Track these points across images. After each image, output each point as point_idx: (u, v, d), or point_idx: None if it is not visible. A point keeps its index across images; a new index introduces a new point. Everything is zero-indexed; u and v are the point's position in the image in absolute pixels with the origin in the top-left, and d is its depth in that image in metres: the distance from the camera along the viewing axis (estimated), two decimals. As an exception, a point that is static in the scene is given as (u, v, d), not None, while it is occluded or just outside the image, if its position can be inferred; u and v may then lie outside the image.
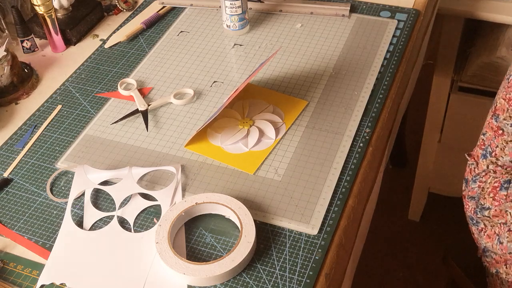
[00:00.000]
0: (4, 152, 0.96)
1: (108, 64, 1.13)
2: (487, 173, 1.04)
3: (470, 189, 1.07)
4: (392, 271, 1.82)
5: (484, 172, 1.04)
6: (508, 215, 0.98)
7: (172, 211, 0.81)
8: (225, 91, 1.05)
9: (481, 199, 1.03)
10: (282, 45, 1.14)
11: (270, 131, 0.95)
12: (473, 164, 1.08)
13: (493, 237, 1.01)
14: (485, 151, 1.04)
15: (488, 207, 1.01)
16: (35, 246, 0.82)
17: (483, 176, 1.04)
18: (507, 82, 1.00)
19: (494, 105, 1.03)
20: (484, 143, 1.05)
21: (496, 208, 1.00)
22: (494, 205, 1.00)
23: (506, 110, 0.99)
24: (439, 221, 1.94)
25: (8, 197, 0.89)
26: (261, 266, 0.77)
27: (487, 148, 1.04)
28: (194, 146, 0.94)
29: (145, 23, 1.21)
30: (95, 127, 0.99)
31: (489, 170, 1.03)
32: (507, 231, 0.98)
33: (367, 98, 1.01)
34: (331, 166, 0.90)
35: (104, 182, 0.89)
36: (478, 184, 1.05)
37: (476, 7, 1.41)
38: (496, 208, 1.00)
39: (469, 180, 1.08)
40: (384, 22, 1.18)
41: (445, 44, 1.52)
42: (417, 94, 1.59)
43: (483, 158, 1.04)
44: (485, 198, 1.02)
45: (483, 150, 1.05)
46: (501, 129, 1.00)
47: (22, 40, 1.15)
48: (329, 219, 0.82)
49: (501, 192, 0.99)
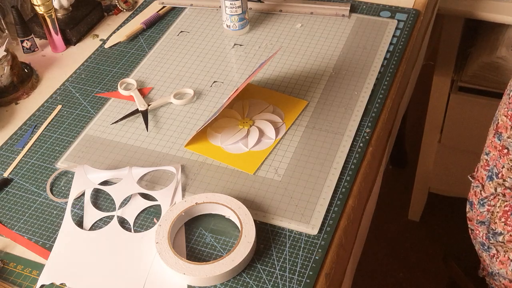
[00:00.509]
0: (4, 152, 0.96)
1: (108, 64, 1.13)
2: (495, 196, 0.99)
3: (478, 213, 1.03)
4: (392, 271, 1.82)
5: (492, 195, 1.00)
6: None
7: (172, 211, 0.81)
8: (225, 91, 1.05)
9: (491, 224, 1.00)
10: (282, 45, 1.14)
11: (270, 131, 0.95)
12: (479, 187, 1.03)
13: (507, 263, 0.99)
14: (491, 172, 0.99)
15: (501, 232, 0.98)
16: (35, 246, 0.82)
17: (492, 200, 1.00)
18: (507, 98, 0.95)
19: (496, 123, 0.98)
20: (489, 164, 1.00)
21: (510, 234, 0.97)
22: (506, 230, 0.97)
23: (510, 128, 0.94)
24: (439, 221, 1.94)
25: (8, 197, 0.89)
26: (261, 266, 0.77)
27: (493, 169, 0.99)
28: (194, 146, 0.94)
29: (145, 23, 1.21)
30: (95, 127, 0.99)
31: (497, 193, 0.99)
32: None
33: (367, 98, 1.01)
34: (331, 166, 0.90)
35: (104, 182, 0.89)
36: (487, 208, 1.01)
37: (476, 7, 1.41)
38: (511, 233, 0.97)
39: (474, 203, 1.04)
40: (384, 22, 1.18)
41: (445, 44, 1.52)
42: (417, 94, 1.59)
43: (489, 180, 1.00)
44: (496, 223, 0.99)
45: (487, 171, 1.00)
46: (506, 148, 0.95)
47: (22, 40, 1.15)
48: (329, 219, 0.82)
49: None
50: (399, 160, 2.09)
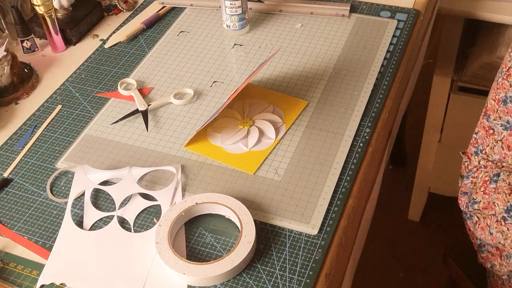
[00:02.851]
0: (4, 152, 0.96)
1: (108, 64, 1.13)
2: (478, 168, 1.06)
3: (463, 185, 1.09)
4: (392, 271, 1.82)
5: (475, 168, 1.07)
6: (496, 206, 1.00)
7: (172, 211, 0.81)
8: (225, 91, 1.05)
9: (473, 194, 1.05)
10: (282, 45, 1.14)
11: (270, 131, 0.95)
12: (467, 162, 1.10)
13: (485, 229, 1.03)
14: (477, 149, 1.07)
15: (480, 200, 1.03)
16: (35, 246, 0.82)
17: (475, 172, 1.06)
18: (496, 83, 1.03)
19: (486, 106, 1.06)
20: (477, 142, 1.08)
21: (484, 201, 1.02)
22: (485, 199, 1.02)
23: (496, 111, 1.02)
24: (439, 221, 1.94)
25: (8, 197, 0.89)
26: (261, 266, 0.77)
27: (479, 146, 1.07)
28: (194, 146, 0.94)
29: (145, 23, 1.21)
30: (95, 127, 0.99)
31: (480, 165, 1.06)
32: (496, 222, 1.00)
33: (367, 98, 1.01)
34: (331, 166, 0.90)
35: (104, 182, 0.89)
36: (470, 179, 1.07)
37: (476, 7, 1.41)
38: (485, 201, 1.02)
39: (464, 177, 1.11)
40: (384, 22, 1.18)
41: (445, 44, 1.52)
42: (417, 94, 1.59)
43: (475, 155, 1.07)
44: (477, 192, 1.04)
45: (475, 148, 1.08)
46: (492, 129, 1.03)
47: (22, 40, 1.15)
48: (329, 219, 0.82)
49: (491, 185, 1.02)
50: (399, 160, 2.09)
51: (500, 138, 1.02)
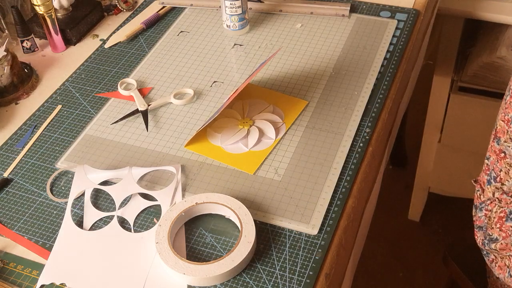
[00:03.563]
0: (4, 152, 0.96)
1: (108, 64, 1.13)
2: (492, 201, 1.01)
3: (477, 218, 1.05)
4: (392, 271, 1.82)
5: (489, 200, 1.02)
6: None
7: (172, 211, 0.81)
8: (225, 91, 1.05)
9: (488, 229, 1.01)
10: (282, 45, 1.14)
11: (270, 131, 0.95)
12: (479, 191, 1.05)
13: (504, 269, 1.00)
14: (490, 176, 1.02)
15: (496, 238, 0.99)
16: (35, 246, 0.82)
17: (489, 205, 1.02)
18: (504, 102, 0.98)
19: (495, 128, 1.00)
20: (489, 168, 1.02)
21: (502, 242, 0.98)
22: (501, 236, 0.98)
23: (506, 132, 0.97)
24: (439, 221, 1.94)
25: (8, 197, 0.89)
26: (261, 266, 0.77)
27: (491, 173, 1.01)
28: (194, 146, 0.94)
29: (145, 23, 1.21)
30: (95, 127, 0.99)
31: (494, 198, 1.01)
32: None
33: (367, 98, 1.01)
34: (331, 166, 0.90)
35: (104, 182, 0.89)
36: (484, 212, 1.03)
37: (476, 7, 1.41)
38: (503, 242, 0.98)
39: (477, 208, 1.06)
40: (384, 22, 1.18)
41: (445, 44, 1.52)
42: (417, 94, 1.59)
43: (488, 184, 1.02)
44: (492, 228, 1.00)
45: (487, 175, 1.02)
46: (503, 152, 0.98)
47: (22, 40, 1.15)
48: (329, 219, 0.82)
49: (507, 223, 0.97)
50: (399, 160, 2.09)
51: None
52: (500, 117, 0.99)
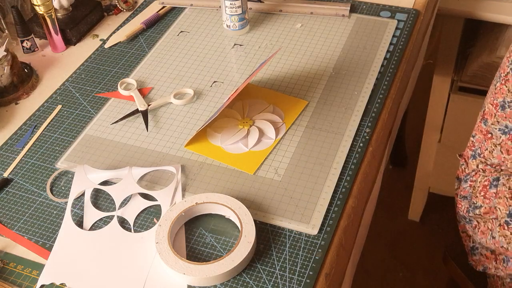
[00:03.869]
0: (4, 152, 0.96)
1: (108, 64, 1.13)
2: (477, 172, 1.06)
3: (462, 189, 1.09)
4: (392, 271, 1.82)
5: (474, 171, 1.07)
6: (498, 210, 1.00)
7: (172, 211, 0.81)
8: (225, 91, 1.05)
9: (473, 198, 1.05)
10: (282, 45, 1.14)
11: (270, 131, 0.95)
12: (463, 165, 1.10)
13: (487, 233, 1.03)
14: (475, 152, 1.07)
15: (480, 205, 1.03)
16: (35, 246, 0.82)
17: (473, 176, 1.06)
18: (493, 87, 1.02)
19: (483, 109, 1.05)
20: (474, 145, 1.07)
21: (485, 206, 1.02)
22: (485, 203, 1.02)
23: (494, 115, 1.02)
24: (439, 221, 1.94)
25: (8, 197, 0.89)
26: (261, 266, 0.77)
27: (477, 150, 1.06)
28: (194, 146, 0.94)
29: (145, 23, 1.21)
30: (95, 127, 0.99)
31: (478, 169, 1.06)
32: (498, 226, 1.00)
33: (367, 98, 1.01)
34: (331, 166, 0.90)
35: (104, 182, 0.89)
36: (469, 183, 1.07)
37: (476, 7, 1.41)
38: (486, 206, 1.02)
39: (461, 180, 1.10)
40: (384, 22, 1.18)
41: (445, 44, 1.52)
42: (417, 94, 1.59)
43: (473, 158, 1.07)
44: (477, 196, 1.04)
45: (472, 151, 1.08)
46: (490, 133, 1.03)
47: (22, 40, 1.15)
48: (329, 219, 0.82)
49: (491, 190, 1.02)
50: (399, 160, 2.09)
51: (499, 142, 1.02)
52: (489, 100, 1.03)
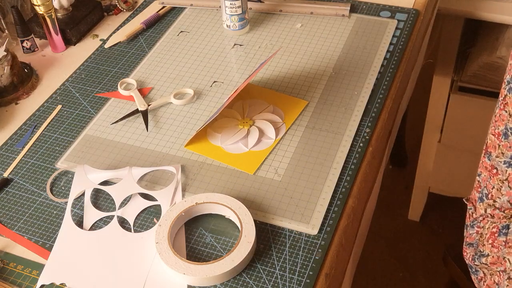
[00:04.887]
0: (4, 152, 0.96)
1: (108, 64, 1.13)
2: (484, 217, 0.99)
3: (468, 235, 1.02)
4: (392, 271, 1.82)
5: (481, 216, 0.99)
6: (507, 261, 0.92)
7: (172, 211, 0.81)
8: (225, 91, 1.05)
9: (479, 246, 0.98)
10: (282, 45, 1.14)
11: (270, 131, 0.95)
12: (471, 209, 1.03)
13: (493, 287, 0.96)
14: (481, 194, 0.99)
15: (487, 254, 0.96)
16: (35, 246, 0.82)
17: (481, 221, 0.99)
18: (494, 116, 0.95)
19: (486, 143, 0.97)
20: (480, 185, 1.00)
21: (493, 255, 0.94)
22: (493, 252, 0.94)
23: (498, 147, 0.94)
24: (439, 221, 1.94)
25: (8, 197, 0.89)
26: (261, 266, 0.77)
27: (483, 190, 0.99)
28: (194, 146, 0.94)
29: (145, 23, 1.21)
30: (95, 127, 0.99)
31: (486, 214, 0.98)
32: (507, 279, 0.92)
33: (367, 98, 1.01)
34: (331, 166, 0.90)
35: (104, 182, 0.89)
36: (476, 229, 1.00)
37: (476, 7, 1.41)
38: (494, 255, 0.94)
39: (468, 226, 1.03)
40: (384, 22, 1.18)
41: (445, 44, 1.52)
42: (417, 94, 1.59)
43: (480, 201, 0.99)
44: (484, 244, 0.97)
45: (479, 193, 1.00)
46: (495, 168, 0.95)
47: (22, 40, 1.15)
48: (329, 219, 0.82)
49: (500, 238, 0.94)
50: (399, 160, 2.09)
51: (505, 178, 0.93)
52: (491, 131, 0.96)
